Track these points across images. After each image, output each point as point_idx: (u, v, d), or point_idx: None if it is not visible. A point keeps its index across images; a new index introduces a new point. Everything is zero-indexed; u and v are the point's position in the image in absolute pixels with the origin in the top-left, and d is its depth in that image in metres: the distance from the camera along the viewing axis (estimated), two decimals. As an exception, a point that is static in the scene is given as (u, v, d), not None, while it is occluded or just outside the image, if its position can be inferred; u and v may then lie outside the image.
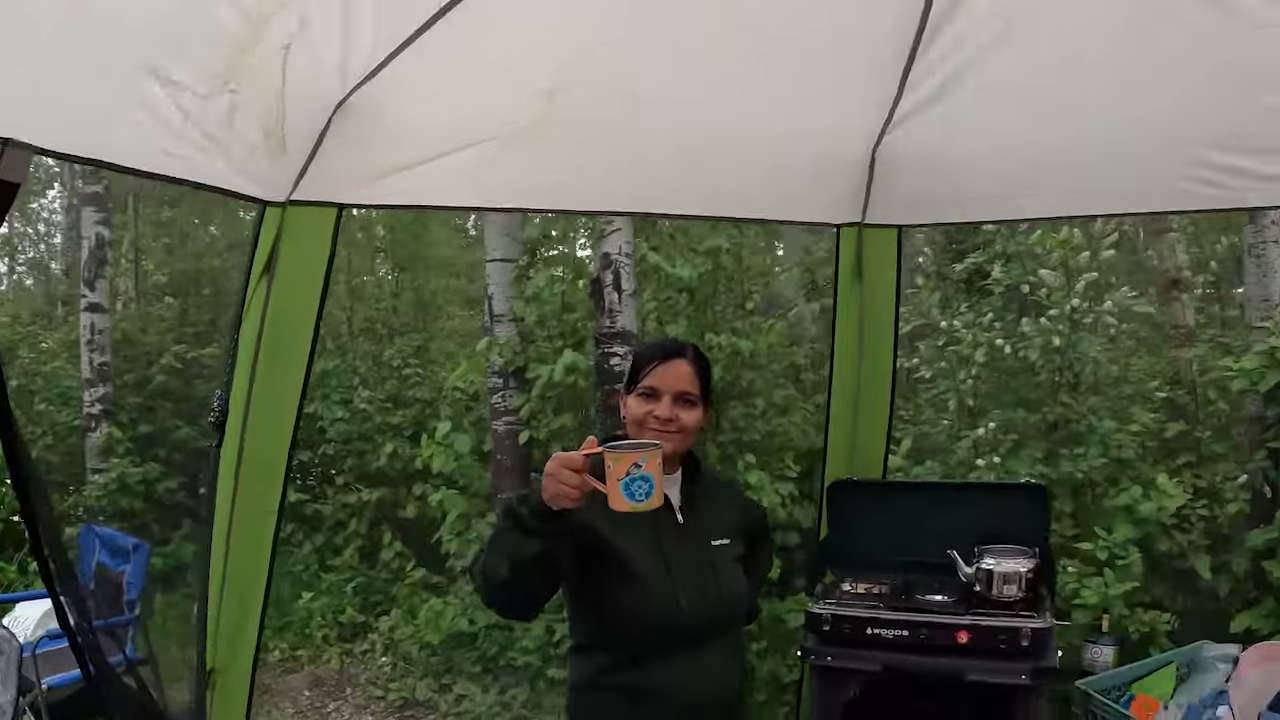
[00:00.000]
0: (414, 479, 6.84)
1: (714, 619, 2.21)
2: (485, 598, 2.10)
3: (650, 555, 2.16)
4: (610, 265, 4.98)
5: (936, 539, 3.46)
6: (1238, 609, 4.57)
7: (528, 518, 1.85)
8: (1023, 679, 2.97)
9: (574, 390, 5.33)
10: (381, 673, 5.90)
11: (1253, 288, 4.91)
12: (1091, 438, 4.97)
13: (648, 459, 1.81)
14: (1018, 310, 5.42)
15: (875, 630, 3.10)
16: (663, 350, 2.25)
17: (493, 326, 5.82)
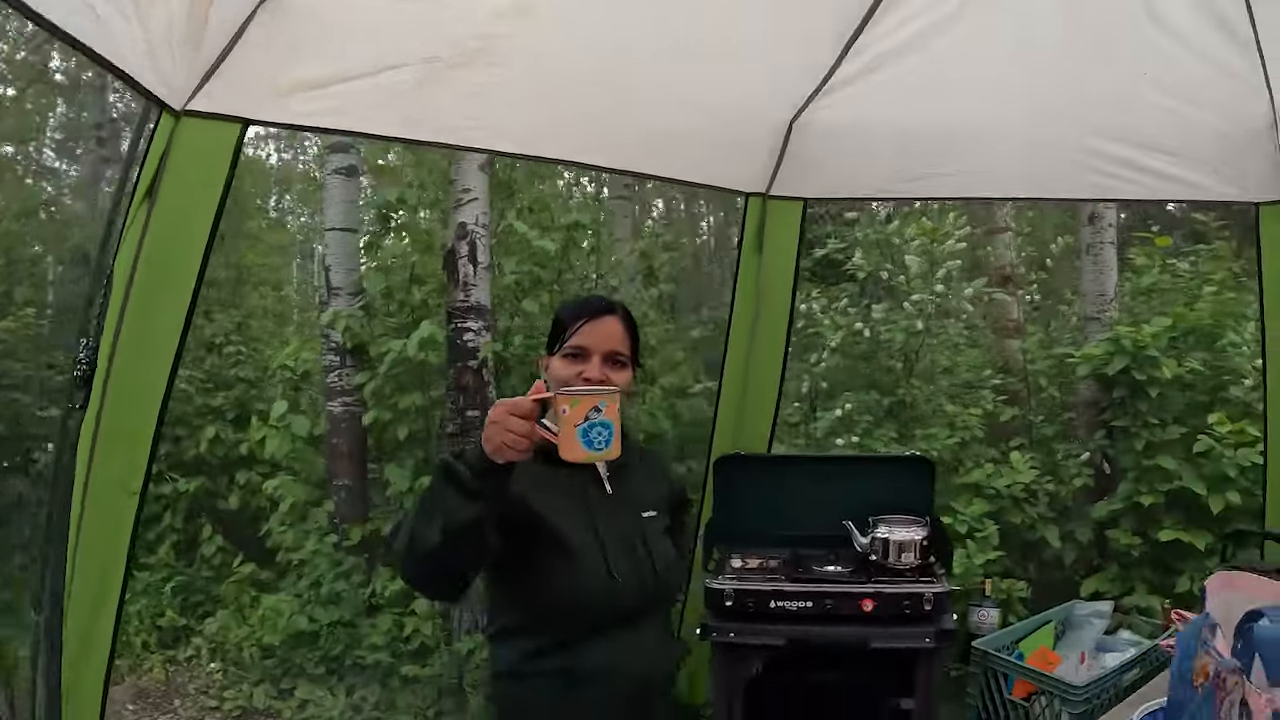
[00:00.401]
0: (236, 466, 6.30)
1: (648, 594, 2.06)
2: (407, 572, 1.85)
3: (583, 528, 1.99)
4: (466, 236, 4.66)
5: (825, 512, 3.44)
6: (1082, 575, 4.86)
7: (466, 475, 1.66)
8: (926, 642, 3.00)
9: (422, 368, 4.99)
10: (212, 680, 5.35)
11: (1089, 283, 5.24)
12: (937, 420, 5.17)
13: (608, 403, 1.65)
14: (872, 297, 5.55)
15: (779, 603, 3.03)
16: (590, 307, 2.06)
17: (330, 299, 5.35)
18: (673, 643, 2.30)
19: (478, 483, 1.66)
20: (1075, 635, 3.46)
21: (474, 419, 4.59)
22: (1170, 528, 4.43)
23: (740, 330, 3.35)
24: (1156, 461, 4.49)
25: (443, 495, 1.68)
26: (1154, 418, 4.60)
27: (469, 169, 4.62)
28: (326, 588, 5.01)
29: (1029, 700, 3.05)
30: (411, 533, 1.73)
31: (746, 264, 3.29)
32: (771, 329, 3.36)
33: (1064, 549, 4.71)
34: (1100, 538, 4.82)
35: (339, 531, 5.17)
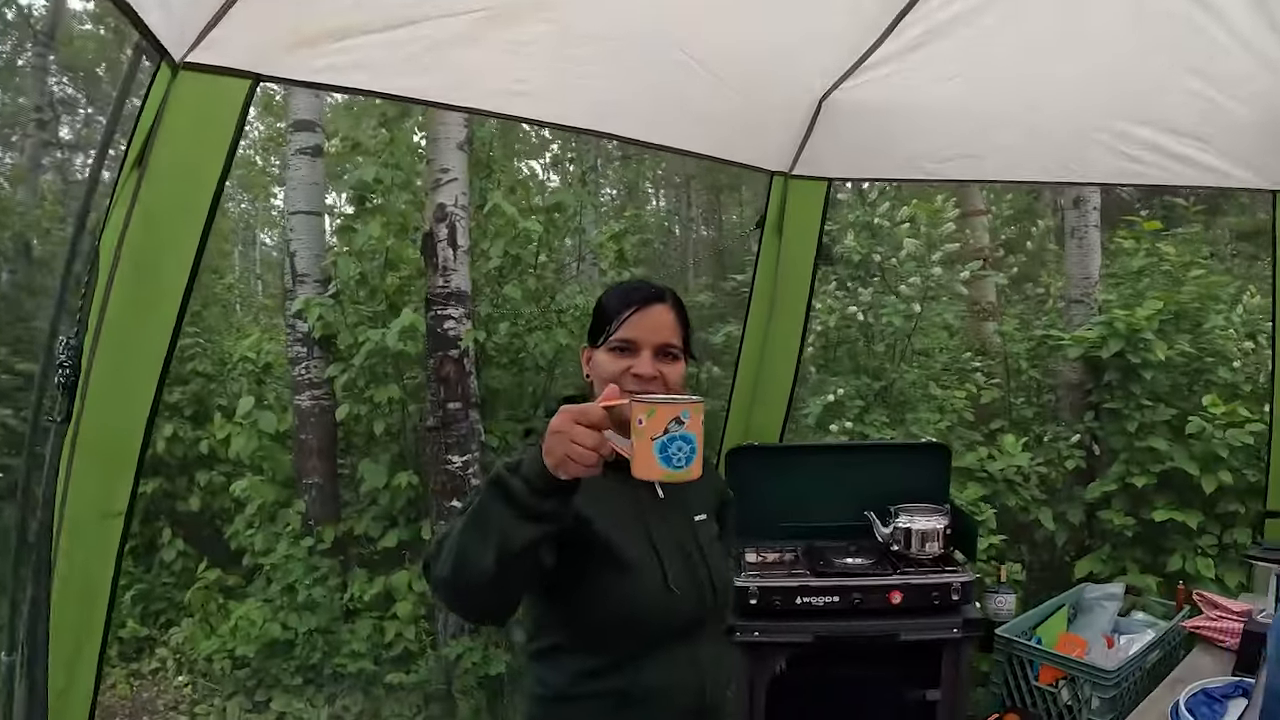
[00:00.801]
0: (196, 466, 5.95)
1: (706, 606, 1.87)
2: (453, 599, 1.57)
3: (638, 538, 1.80)
4: (445, 218, 4.41)
5: (840, 502, 3.36)
6: (1074, 556, 4.87)
7: (525, 493, 1.43)
8: (954, 632, 2.94)
9: (398, 358, 4.75)
10: (181, 695, 5.07)
11: (1074, 266, 5.22)
12: (923, 404, 5.13)
13: (691, 414, 1.40)
14: (862, 280, 5.48)
15: (805, 599, 2.95)
16: (639, 295, 1.84)
17: (296, 288, 5.07)
18: (729, 655, 2.15)
19: (538, 502, 1.43)
20: (1088, 618, 3.43)
21: (456, 411, 4.38)
22: (1163, 508, 4.44)
23: (758, 316, 3.23)
24: (1149, 443, 4.50)
25: (498, 515, 1.45)
26: (1147, 399, 4.60)
27: (446, 147, 4.40)
28: (302, 593, 4.77)
29: (1055, 686, 3.02)
30: (459, 556, 1.49)
31: (767, 246, 3.16)
32: (789, 314, 3.25)
33: (1057, 531, 4.70)
34: (1090, 519, 4.82)
35: (312, 533, 4.93)
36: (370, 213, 4.52)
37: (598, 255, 5.41)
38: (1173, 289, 4.84)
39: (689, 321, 1.93)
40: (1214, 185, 3.21)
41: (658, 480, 1.45)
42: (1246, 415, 4.35)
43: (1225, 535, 4.48)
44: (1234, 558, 4.49)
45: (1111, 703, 2.88)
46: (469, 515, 1.51)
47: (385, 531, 4.76)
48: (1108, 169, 3.05)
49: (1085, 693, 2.93)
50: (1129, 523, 4.53)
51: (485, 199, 4.69)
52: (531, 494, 1.42)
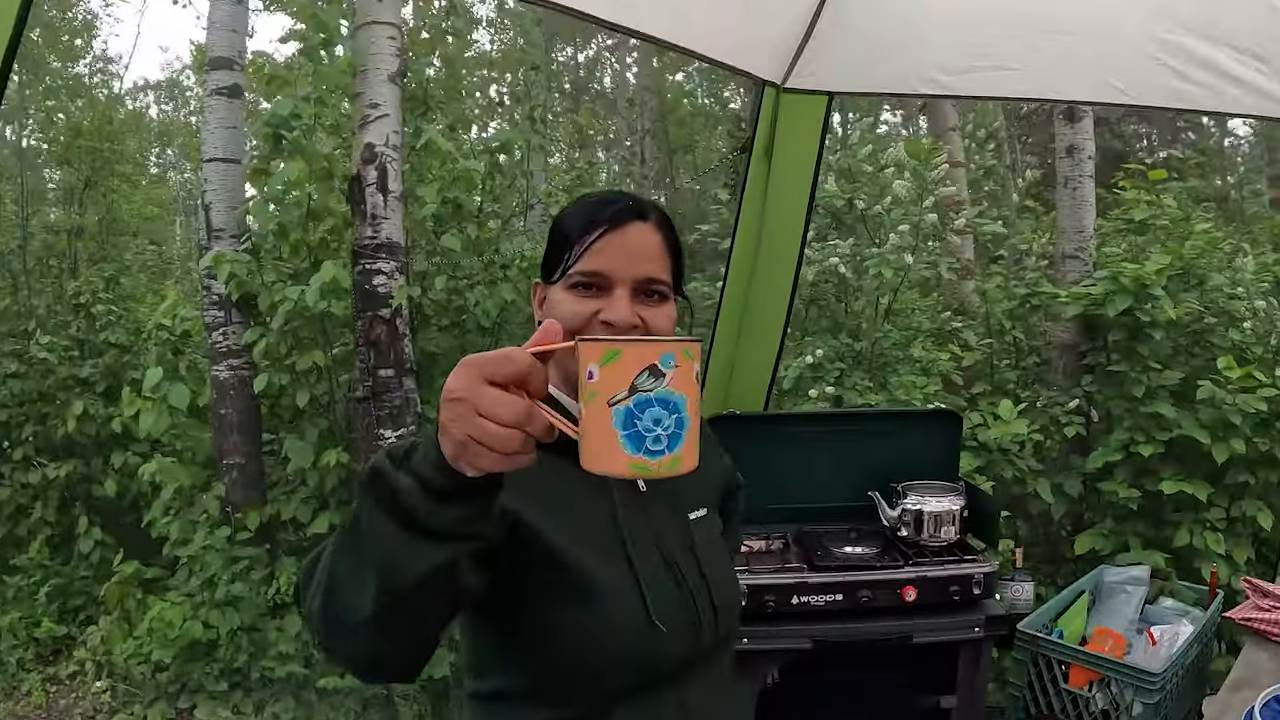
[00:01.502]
0: (112, 446, 5.29)
1: (703, 639, 1.34)
2: (330, 645, 1.05)
3: (609, 554, 1.29)
4: (374, 159, 3.77)
5: (837, 479, 2.88)
6: (1070, 530, 4.46)
7: (416, 498, 0.90)
8: (976, 631, 2.51)
9: (323, 320, 4.12)
10: (100, 702, 4.47)
11: (1066, 219, 4.76)
12: (905, 366, 4.67)
13: (678, 359, 0.87)
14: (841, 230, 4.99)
15: (803, 599, 2.47)
16: (611, 210, 1.30)
17: (211, 244, 4.42)
18: (735, 700, 1.62)
19: (436, 511, 0.91)
20: (1111, 606, 3.03)
21: (388, 379, 3.78)
22: (1171, 479, 4.04)
23: (742, 260, 2.69)
24: (1156, 409, 4.08)
25: (378, 533, 0.92)
26: (1155, 362, 4.18)
27: (376, 79, 3.76)
28: (223, 588, 4.18)
29: (1088, 690, 2.59)
30: (329, 588, 0.99)
31: (754, 176, 2.61)
32: (778, 258, 2.72)
33: (1055, 504, 4.27)
34: (1088, 490, 4.41)
35: (230, 521, 4.32)
36: (289, 154, 3.86)
37: (547, 205, 4.78)
38: (1176, 244, 4.41)
39: (681, 249, 1.38)
40: (1268, 116, 2.75)
41: (620, 475, 0.89)
42: (1262, 379, 3.94)
43: (1233, 508, 4.09)
44: (1243, 532, 4.14)
45: (1155, 708, 2.46)
46: (340, 538, 1.00)
47: (315, 515, 4.17)
48: (1155, 89, 2.58)
49: (1126, 697, 2.51)
50: (1133, 495, 4.12)
51: (421, 137, 4.05)
52: (427, 499, 0.90)
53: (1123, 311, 4.05)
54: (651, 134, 12.29)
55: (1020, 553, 3.06)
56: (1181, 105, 2.64)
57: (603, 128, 13.95)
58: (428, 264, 4.18)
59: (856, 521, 2.81)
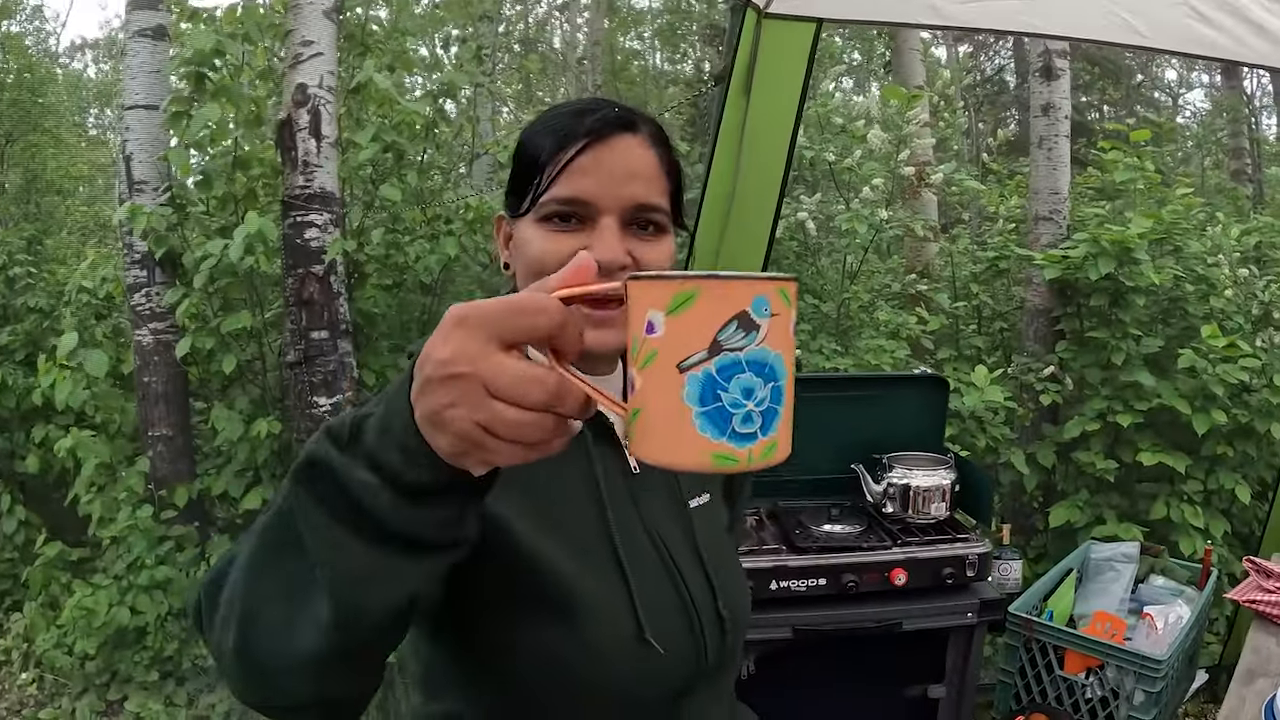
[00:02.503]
0: (33, 419, 4.76)
1: (707, 658, 1.07)
2: (255, 693, 0.75)
3: (592, 552, 1.01)
4: (307, 102, 3.35)
5: (816, 450, 2.59)
6: (1041, 502, 4.26)
7: (384, 498, 0.62)
8: (970, 617, 2.25)
9: (251, 278, 3.71)
10: (27, 695, 4.08)
11: (1041, 180, 4.49)
12: (873, 329, 4.43)
13: (773, 302, 0.58)
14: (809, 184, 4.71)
15: (783, 583, 2.19)
16: (592, 120, 0.98)
17: (132, 197, 3.91)
18: None
19: (416, 518, 0.64)
20: (1100, 585, 2.82)
21: (321, 342, 3.40)
22: (1149, 450, 3.84)
23: (715, 206, 2.37)
24: (1135, 377, 3.86)
25: (329, 552, 0.65)
26: (1135, 329, 3.96)
27: (311, 14, 3.34)
28: (149, 571, 3.81)
29: (1085, 677, 2.36)
30: (250, 627, 0.70)
31: (731, 110, 2.27)
32: (752, 208, 2.40)
33: (1028, 475, 4.05)
34: (1061, 461, 4.20)
35: (154, 499, 3.93)
36: (213, 95, 3.45)
37: (495, 156, 4.39)
38: (1154, 209, 4.19)
39: (680, 169, 1.06)
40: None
41: (695, 469, 0.60)
42: (1246, 349, 3.74)
43: (1209, 480, 3.91)
44: (1219, 505, 3.96)
45: (1157, 697, 2.24)
46: (260, 541, 0.71)
47: (248, 490, 3.79)
48: (1174, 32, 2.30)
49: (1126, 685, 2.28)
50: (1110, 466, 3.92)
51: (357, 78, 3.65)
52: (397, 499, 0.62)
53: (1105, 276, 3.82)
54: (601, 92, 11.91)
55: (1007, 529, 2.82)
56: (1200, 51, 2.38)
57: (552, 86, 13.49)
58: (365, 216, 3.79)
59: (837, 496, 2.53)
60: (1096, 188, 4.49)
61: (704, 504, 1.15)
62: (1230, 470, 3.91)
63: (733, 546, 1.25)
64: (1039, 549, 4.18)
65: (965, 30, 4.02)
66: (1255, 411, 3.91)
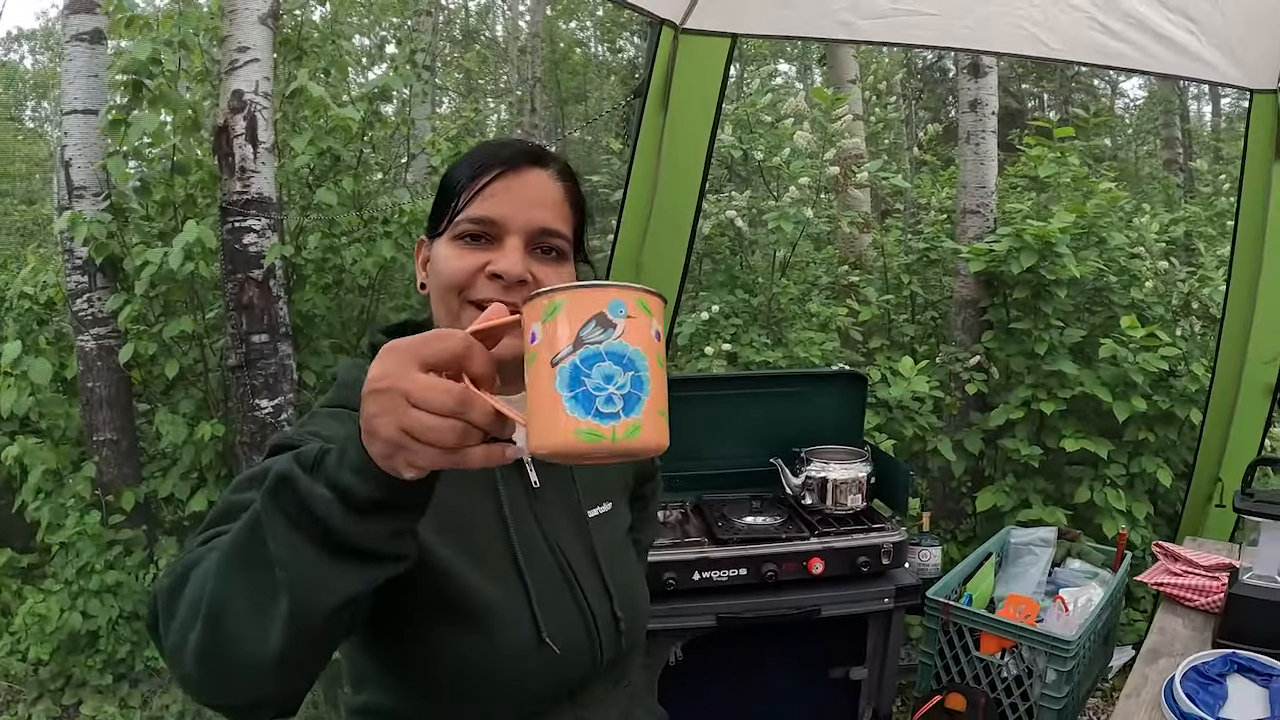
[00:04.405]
0: None
1: (604, 656, 1.17)
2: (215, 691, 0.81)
3: (495, 564, 1.10)
4: (243, 108, 3.35)
5: (736, 445, 2.64)
6: (969, 488, 4.34)
7: (337, 511, 0.72)
8: (886, 602, 2.31)
9: (192, 283, 3.69)
10: None
11: (969, 174, 4.58)
12: (804, 321, 4.50)
13: (630, 307, 0.69)
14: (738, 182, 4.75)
15: (706, 574, 2.23)
16: (506, 153, 1.11)
17: (72, 202, 3.87)
18: (648, 711, 1.38)
19: (365, 529, 0.73)
20: (1019, 568, 2.86)
21: (262, 345, 3.39)
22: (1072, 436, 3.93)
23: (635, 214, 2.40)
24: (1058, 366, 3.95)
25: (293, 559, 0.73)
26: (1057, 319, 4.05)
27: (246, 20, 3.32)
28: (98, 576, 3.77)
29: (1001, 657, 2.42)
30: (215, 625, 0.76)
31: (649, 123, 2.31)
32: (671, 214, 2.44)
33: (955, 462, 4.14)
34: (988, 447, 4.30)
35: (102, 504, 3.90)
36: (150, 103, 3.41)
37: (430, 155, 4.38)
38: (1078, 203, 4.29)
39: (585, 205, 1.19)
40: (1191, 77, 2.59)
41: (568, 448, 0.68)
42: (1165, 339, 3.85)
43: (1132, 465, 4.02)
44: (1141, 488, 4.07)
45: (1069, 675, 2.31)
46: (231, 550, 0.77)
47: (193, 492, 3.77)
48: (1082, 45, 2.38)
49: (1039, 665, 2.34)
50: (1035, 452, 4.01)
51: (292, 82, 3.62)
52: (348, 513, 0.72)
53: (1026, 268, 3.91)
54: (542, 83, 11.83)
55: (927, 516, 2.88)
56: (1105, 61, 2.45)
57: (493, 76, 13.38)
58: (303, 220, 3.77)
59: (758, 489, 2.58)
60: (1031, 175, 4.57)
61: (604, 513, 1.24)
62: (1153, 455, 4.02)
63: (632, 554, 1.32)
64: (968, 532, 4.27)
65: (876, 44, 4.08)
66: (1176, 398, 4.02)
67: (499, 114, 13.16)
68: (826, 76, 4.85)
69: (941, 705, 2.32)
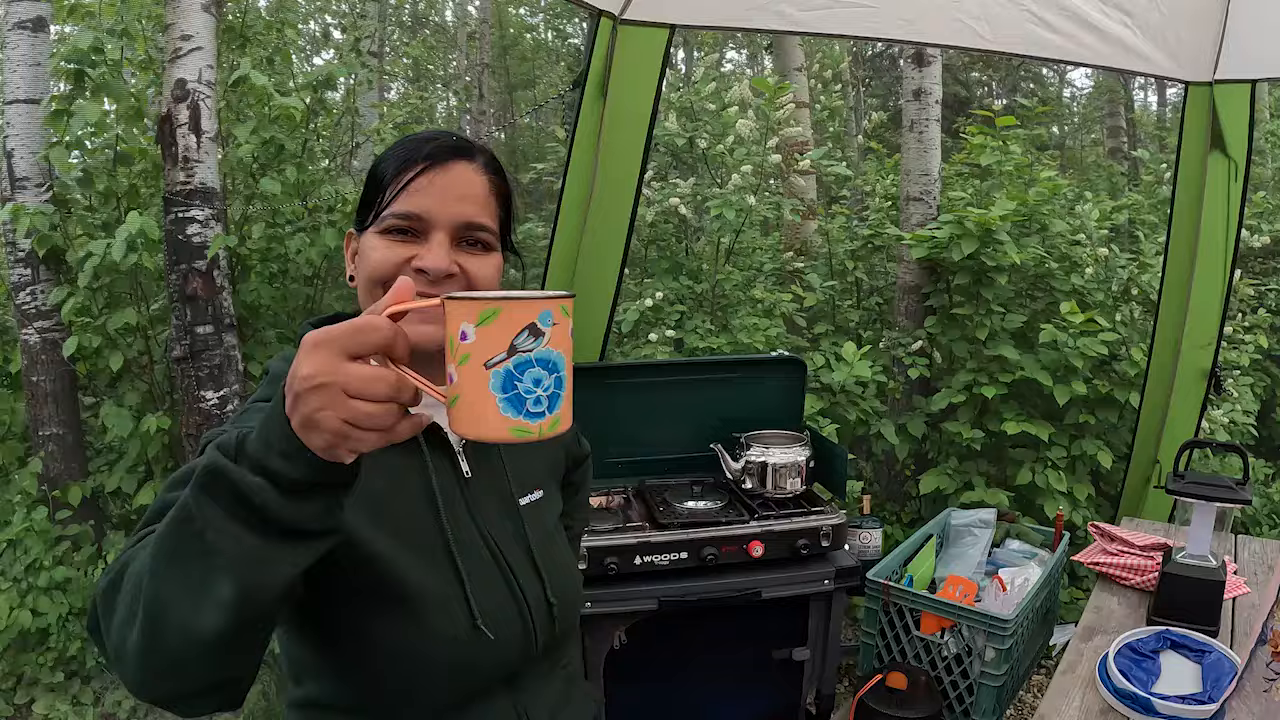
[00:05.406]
0: None
1: (538, 641, 1.18)
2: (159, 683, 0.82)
3: (428, 552, 1.10)
4: (186, 97, 3.24)
5: (678, 431, 2.62)
6: (914, 471, 4.36)
7: (272, 497, 0.75)
8: (826, 584, 2.30)
9: (136, 274, 3.61)
10: None
11: (912, 162, 4.58)
12: (748, 308, 4.51)
13: (556, 316, 0.77)
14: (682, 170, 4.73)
15: (647, 558, 2.21)
16: (432, 147, 1.10)
17: (14, 194, 3.77)
18: (583, 695, 1.36)
19: (298, 508, 0.76)
20: (959, 549, 2.87)
21: (207, 336, 3.32)
22: (1014, 419, 3.96)
23: (574, 203, 2.38)
24: (999, 351, 3.98)
25: (233, 547, 0.75)
26: (998, 305, 4.07)
27: (189, 9, 3.21)
28: (46, 572, 3.68)
29: (940, 636, 2.43)
30: (155, 616, 0.77)
31: (587, 113, 2.29)
32: (613, 200, 2.41)
33: (899, 445, 4.16)
34: (932, 431, 4.31)
35: (49, 500, 3.80)
36: (93, 92, 3.32)
37: (374, 143, 4.32)
38: (1020, 190, 4.32)
39: (512, 198, 1.20)
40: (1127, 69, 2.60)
41: (501, 439, 0.77)
42: (1104, 324, 3.88)
43: (1074, 447, 4.06)
44: (1083, 470, 4.11)
45: (1007, 653, 2.32)
46: (162, 545, 0.78)
47: (140, 486, 3.68)
48: (1016, 35, 2.37)
49: (978, 643, 2.35)
50: (976, 435, 4.04)
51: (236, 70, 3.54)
52: (283, 497, 0.75)
53: (967, 255, 3.93)
54: (491, 69, 11.69)
55: (868, 499, 2.88)
56: (1042, 54, 2.46)
57: (442, 62, 13.19)
58: (247, 210, 3.70)
59: (700, 474, 2.56)
60: (978, 164, 4.60)
61: (536, 501, 1.25)
62: (1094, 438, 4.06)
63: (564, 539, 1.32)
64: (912, 515, 4.29)
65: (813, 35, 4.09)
66: (1117, 382, 4.06)
67: (448, 100, 12.99)
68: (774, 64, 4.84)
69: (883, 684, 2.31)
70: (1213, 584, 2.06)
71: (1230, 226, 3.13)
